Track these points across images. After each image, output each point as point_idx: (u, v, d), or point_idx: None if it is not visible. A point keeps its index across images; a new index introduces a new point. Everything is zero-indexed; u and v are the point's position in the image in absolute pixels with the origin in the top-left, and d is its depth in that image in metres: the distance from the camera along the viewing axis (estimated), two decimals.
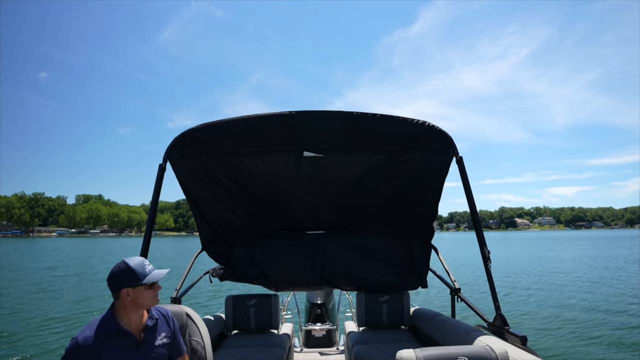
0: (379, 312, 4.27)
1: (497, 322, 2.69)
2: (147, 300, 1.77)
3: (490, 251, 2.84)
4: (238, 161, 3.15)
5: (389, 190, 3.52)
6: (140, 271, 1.75)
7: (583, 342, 8.38)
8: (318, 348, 5.02)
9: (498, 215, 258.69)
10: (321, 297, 5.34)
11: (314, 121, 2.84)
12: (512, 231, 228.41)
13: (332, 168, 3.26)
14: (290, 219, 4.02)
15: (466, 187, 2.92)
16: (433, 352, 1.85)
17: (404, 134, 2.94)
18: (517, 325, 9.68)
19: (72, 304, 13.29)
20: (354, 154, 3.10)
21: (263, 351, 3.59)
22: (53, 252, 46.57)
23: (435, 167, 3.18)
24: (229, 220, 3.87)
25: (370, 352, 3.43)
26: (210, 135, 2.93)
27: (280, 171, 3.28)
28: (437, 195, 3.45)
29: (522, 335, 2.35)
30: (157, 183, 2.89)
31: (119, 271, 1.74)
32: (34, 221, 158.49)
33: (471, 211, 2.89)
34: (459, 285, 3.73)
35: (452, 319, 3.41)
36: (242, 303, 4.28)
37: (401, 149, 3.07)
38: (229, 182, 3.36)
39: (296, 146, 3.01)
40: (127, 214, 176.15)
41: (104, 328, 1.71)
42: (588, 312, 11.31)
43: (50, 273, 23.20)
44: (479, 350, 1.91)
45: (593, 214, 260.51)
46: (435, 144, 2.99)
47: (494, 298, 2.75)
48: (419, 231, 3.91)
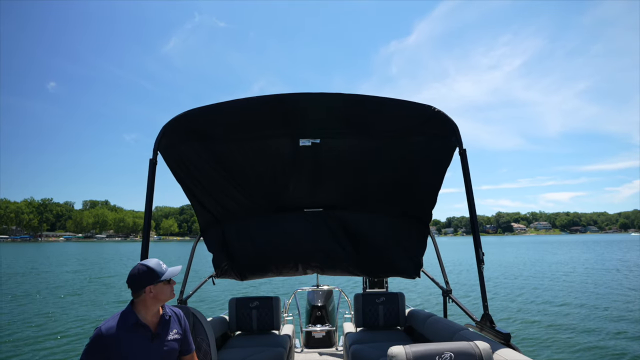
0: (375, 313, 4.44)
1: (484, 321, 2.77)
2: (166, 294, 2.02)
3: (485, 253, 2.77)
4: (232, 145, 3.01)
5: (390, 174, 3.46)
6: (158, 270, 1.99)
7: (563, 336, 9.23)
8: (318, 348, 5.17)
9: (495, 220, 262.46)
10: (321, 300, 5.53)
11: (312, 104, 2.67)
12: (509, 236, 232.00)
13: (330, 151, 3.13)
14: (287, 199, 3.94)
15: (467, 181, 2.80)
16: (421, 348, 1.94)
17: (408, 117, 2.80)
18: (516, 327, 10.27)
19: (114, 305, 13.77)
20: (353, 137, 2.98)
21: (265, 350, 3.73)
22: (72, 255, 47.76)
23: (438, 154, 3.08)
24: (225, 203, 3.83)
25: (366, 350, 3.56)
26: (201, 121, 2.77)
27: (276, 154, 3.14)
28: (438, 181, 3.36)
29: (506, 333, 2.48)
30: (150, 180, 2.75)
31: (140, 272, 1.97)
32: (42, 226, 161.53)
33: (469, 206, 2.80)
34: (451, 286, 3.82)
35: (443, 319, 3.52)
36: (245, 305, 4.47)
37: (404, 133, 2.94)
38: (223, 166, 3.25)
39: (292, 130, 2.86)
40: (133, 219, 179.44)
41: (124, 320, 1.93)
42: (568, 309, 12.29)
43: (78, 276, 23.94)
44: (464, 346, 2.02)
45: (588, 219, 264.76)
46: (439, 130, 2.84)
47: (483, 298, 2.80)
48: (418, 215, 3.88)
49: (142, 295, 1.97)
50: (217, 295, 15.55)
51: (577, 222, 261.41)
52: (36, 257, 45.02)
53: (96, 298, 15.56)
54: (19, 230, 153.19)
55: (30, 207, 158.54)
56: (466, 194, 2.80)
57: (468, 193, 2.80)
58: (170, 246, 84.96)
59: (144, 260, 2.07)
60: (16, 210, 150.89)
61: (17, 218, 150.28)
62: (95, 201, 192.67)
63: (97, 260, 40.10)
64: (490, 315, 2.76)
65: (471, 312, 3.16)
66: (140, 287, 1.96)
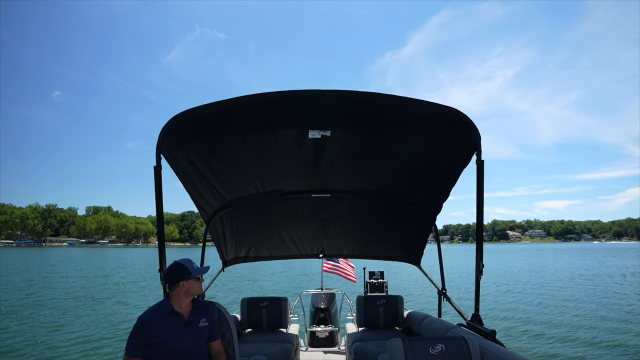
0: (376, 315, 4.71)
1: (474, 320, 2.98)
2: (196, 289, 2.33)
3: (484, 265, 2.78)
4: (238, 138, 2.83)
5: (402, 167, 3.35)
6: (190, 268, 2.30)
7: (538, 329, 10.45)
8: (322, 348, 5.42)
9: (491, 228, 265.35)
10: (325, 302, 5.81)
11: (322, 102, 2.47)
12: (504, 243, 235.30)
13: (340, 143, 2.96)
14: (294, 187, 3.85)
15: (479, 193, 2.70)
16: (417, 342, 2.13)
17: (427, 115, 2.60)
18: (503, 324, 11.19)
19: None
20: (367, 131, 2.80)
21: (274, 346, 4.05)
22: (92, 261, 49.04)
23: (454, 154, 2.94)
24: (230, 194, 3.77)
25: (367, 347, 3.84)
26: (204, 116, 2.59)
27: (283, 146, 2.96)
28: (452, 178, 3.28)
29: (492, 330, 2.68)
30: (157, 187, 2.70)
31: (175, 270, 2.29)
32: (46, 231, 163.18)
33: (478, 219, 2.73)
34: (447, 286, 4.03)
35: (438, 319, 3.77)
36: (256, 304, 4.80)
37: (422, 130, 2.77)
38: (228, 159, 3.13)
39: (301, 122, 2.67)
40: (135, 225, 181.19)
41: (162, 309, 2.24)
42: (550, 309, 13.62)
43: (109, 280, 25.06)
44: (453, 340, 2.25)
45: (582, 227, 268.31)
46: (459, 131, 2.66)
47: (476, 301, 2.99)
48: (426, 205, 3.88)
49: (177, 289, 2.29)
50: (226, 296, 17.52)
51: (572, 230, 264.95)
52: (83, 262, 46.20)
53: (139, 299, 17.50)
54: (23, 236, 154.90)
55: (35, 213, 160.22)
56: (476, 205, 2.72)
57: (478, 205, 2.72)
58: (171, 252, 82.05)
59: (179, 259, 2.37)
60: (21, 216, 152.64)
61: (22, 223, 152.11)
62: (98, 207, 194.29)
63: (120, 265, 41.87)
64: (479, 315, 2.95)
65: (463, 311, 3.32)
66: (175, 282, 2.28)
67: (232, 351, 2.65)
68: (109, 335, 10.35)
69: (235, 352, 2.67)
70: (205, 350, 2.42)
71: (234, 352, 2.66)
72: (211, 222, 4.08)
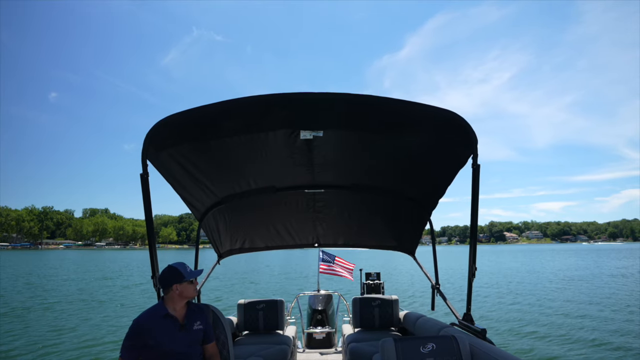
0: (371, 316, 4.77)
1: (465, 319, 3.03)
2: (190, 292, 2.37)
3: (477, 268, 2.80)
4: (225, 143, 2.82)
5: (396, 166, 3.40)
6: (183, 271, 2.35)
7: (529, 329, 10.61)
8: (318, 349, 5.45)
9: (488, 230, 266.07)
10: (321, 304, 5.87)
11: (314, 105, 2.44)
12: (501, 244, 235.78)
13: (333, 143, 2.95)
14: (287, 183, 3.86)
15: (474, 197, 2.68)
16: (409, 341, 2.15)
17: (422, 121, 2.61)
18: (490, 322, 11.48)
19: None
20: (361, 131, 2.79)
21: (271, 347, 4.08)
22: (93, 263, 48.03)
23: (450, 155, 2.95)
24: (222, 192, 3.74)
25: (363, 347, 3.90)
26: (190, 122, 2.55)
27: (275, 146, 2.94)
28: (448, 177, 3.28)
29: (483, 329, 2.72)
30: (145, 194, 2.65)
31: (169, 273, 2.33)
32: (42, 234, 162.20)
33: (472, 223, 2.74)
34: (443, 287, 4.07)
35: (431, 319, 3.84)
36: (252, 307, 4.85)
37: (417, 130, 2.76)
38: (217, 161, 3.12)
39: (293, 123, 2.64)
40: (132, 227, 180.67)
41: (156, 312, 2.28)
42: (541, 308, 13.93)
43: (113, 283, 24.99)
44: (445, 339, 2.29)
45: (578, 228, 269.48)
46: (455, 133, 2.64)
47: (468, 301, 3.05)
48: (421, 201, 3.91)
49: (170, 292, 2.33)
50: (227, 297, 17.72)
51: (568, 231, 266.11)
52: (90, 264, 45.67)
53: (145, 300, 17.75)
54: (19, 238, 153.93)
55: (31, 215, 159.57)
56: (471, 209, 2.71)
57: (473, 209, 2.70)
58: (168, 254, 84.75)
59: (173, 263, 2.41)
60: (17, 218, 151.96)
61: (18, 226, 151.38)
62: (95, 209, 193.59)
63: (123, 267, 40.92)
64: (470, 315, 3.01)
65: (455, 309, 3.39)
66: (168, 285, 2.33)
67: (227, 353, 2.67)
68: (107, 339, 10.36)
69: (230, 354, 2.69)
70: (199, 353, 2.44)
71: (228, 354, 2.67)
72: (204, 219, 4.06)
